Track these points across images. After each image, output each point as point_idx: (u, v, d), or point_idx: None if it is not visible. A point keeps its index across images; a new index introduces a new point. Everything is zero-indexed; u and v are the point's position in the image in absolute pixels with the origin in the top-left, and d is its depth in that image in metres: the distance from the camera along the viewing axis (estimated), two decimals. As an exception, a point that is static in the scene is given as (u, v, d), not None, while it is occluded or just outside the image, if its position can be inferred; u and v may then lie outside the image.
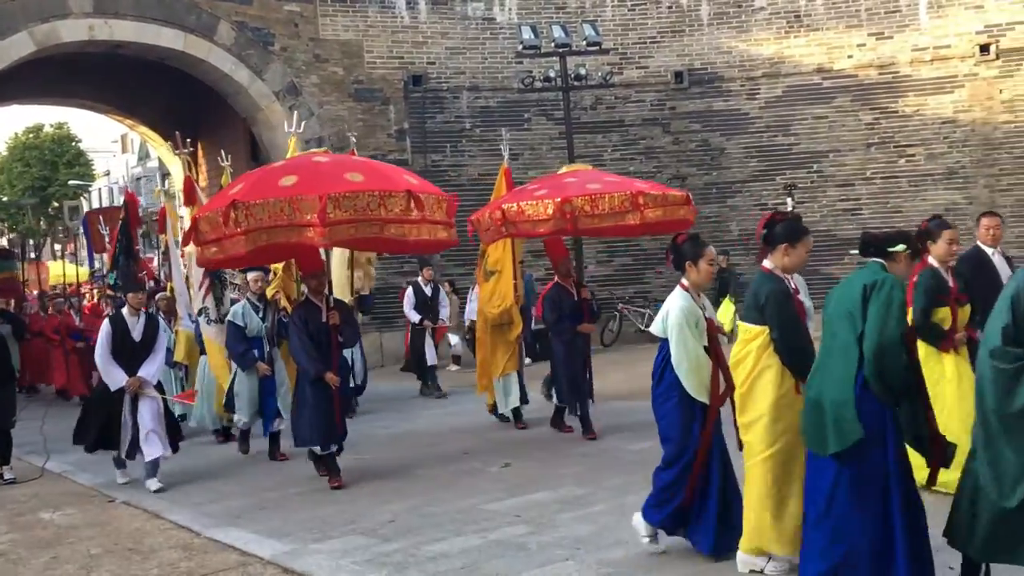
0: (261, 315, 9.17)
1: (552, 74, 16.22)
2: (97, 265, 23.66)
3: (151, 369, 8.09)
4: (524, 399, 9.91)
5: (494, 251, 9.85)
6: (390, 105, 17.48)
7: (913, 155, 17.32)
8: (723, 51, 17.98)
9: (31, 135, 49.28)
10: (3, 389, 8.87)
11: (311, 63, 17.09)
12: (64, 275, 22.58)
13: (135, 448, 7.99)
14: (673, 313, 5.00)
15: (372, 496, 7.24)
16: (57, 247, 31.88)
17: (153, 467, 8.02)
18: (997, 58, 16.84)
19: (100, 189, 57.26)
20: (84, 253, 24.74)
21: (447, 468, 8.06)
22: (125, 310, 8.04)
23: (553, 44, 15.86)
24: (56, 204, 42.33)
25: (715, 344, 5.06)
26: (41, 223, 45.14)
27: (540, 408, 9.98)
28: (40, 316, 16.80)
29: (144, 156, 51.91)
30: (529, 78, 16.60)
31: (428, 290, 13.28)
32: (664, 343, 5.06)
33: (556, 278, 9.40)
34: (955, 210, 16.79)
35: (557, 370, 9.25)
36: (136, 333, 8.04)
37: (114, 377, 7.94)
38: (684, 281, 5.19)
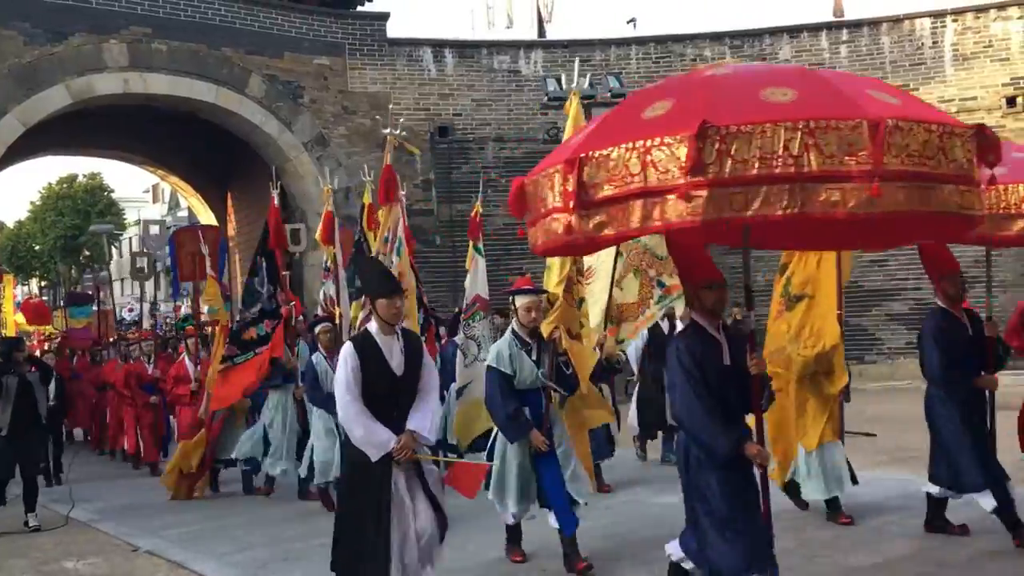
0: (535, 358, 6.24)
1: (577, 125, 16.35)
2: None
3: (425, 420, 5.07)
4: (854, 479, 7.02)
5: (801, 267, 7.33)
6: (416, 156, 17.68)
7: (940, 206, 17.22)
8: (748, 103, 18.04)
9: (64, 185, 50.22)
10: (28, 436, 8.91)
11: (339, 115, 17.36)
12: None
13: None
14: None
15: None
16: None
17: None
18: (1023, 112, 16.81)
19: (131, 238, 58.08)
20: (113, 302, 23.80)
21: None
22: (373, 327, 5.08)
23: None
24: (87, 253, 42.95)
25: None
26: (72, 271, 45.78)
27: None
28: (115, 365, 13.92)
29: (174, 206, 52.68)
30: (554, 129, 16.76)
31: (665, 326, 10.03)
32: None
33: (938, 300, 6.66)
34: (984, 262, 16.64)
35: (945, 445, 6.34)
36: (396, 363, 5.05)
37: (375, 437, 4.92)
38: None
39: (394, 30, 18.23)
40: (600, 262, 7.95)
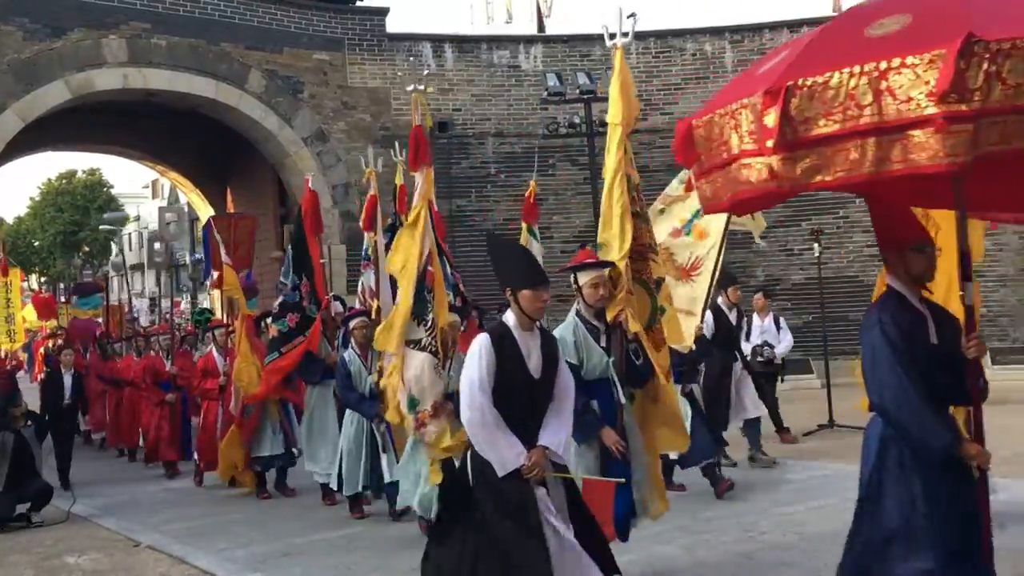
0: (604, 344, 5.39)
1: (577, 120, 16.34)
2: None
3: (559, 434, 4.37)
4: None
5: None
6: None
7: (939, 201, 17.23)
8: (748, 97, 18.03)
9: (64, 181, 50.21)
10: (22, 487, 8.86)
11: (339, 110, 17.34)
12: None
13: None
14: None
15: (396, 542, 7.19)
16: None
17: None
18: None
19: (130, 234, 58.02)
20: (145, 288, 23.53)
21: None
22: (511, 320, 4.39)
23: (578, 91, 16.00)
24: (87, 248, 42.96)
25: None
26: (72, 267, 45.74)
27: None
28: (131, 361, 13.42)
29: (174, 201, 52.64)
30: (554, 124, 16.74)
31: (732, 316, 9.73)
32: None
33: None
34: (984, 256, 16.65)
35: None
36: (533, 363, 4.37)
37: (503, 451, 4.22)
38: None
39: (393, 25, 18.23)
40: (707, 251, 7.55)
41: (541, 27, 20.92)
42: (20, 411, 9.20)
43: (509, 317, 4.46)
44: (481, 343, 4.35)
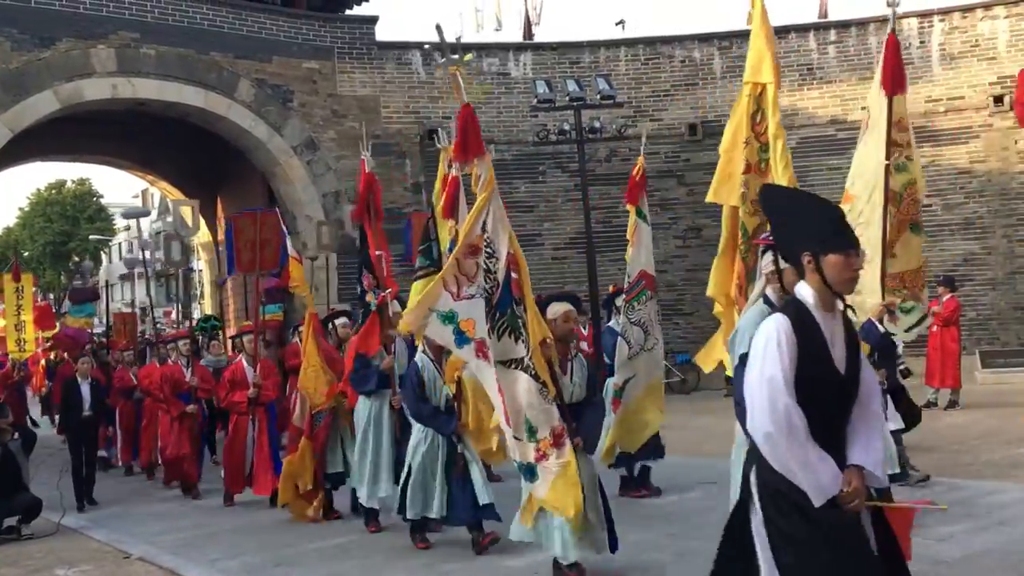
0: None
1: (567, 127, 16.37)
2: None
3: (875, 451, 3.40)
4: None
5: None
6: (406, 159, 17.67)
7: (930, 205, 17.28)
8: (737, 103, 18.10)
9: (53, 191, 50.06)
10: (10, 501, 8.77)
11: (329, 118, 17.34)
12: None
13: None
14: None
15: (388, 552, 7.17)
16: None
17: None
18: (1011, 109, 16.87)
19: (120, 243, 57.86)
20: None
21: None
22: (809, 296, 3.34)
23: (568, 98, 16.04)
24: (76, 259, 42.81)
25: None
26: (61, 277, 45.62)
27: None
28: (155, 367, 11.95)
29: (164, 211, 52.53)
30: (544, 131, 16.77)
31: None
32: None
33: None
34: (973, 260, 16.77)
35: None
36: (838, 355, 3.38)
37: (817, 475, 3.25)
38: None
39: (383, 33, 18.24)
40: (868, 240, 6.31)
41: (530, 35, 20.95)
42: (5, 422, 9.15)
43: (804, 292, 3.37)
44: (779, 326, 3.28)
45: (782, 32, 18.26)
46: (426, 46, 5.51)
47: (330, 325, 9.27)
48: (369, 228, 8.32)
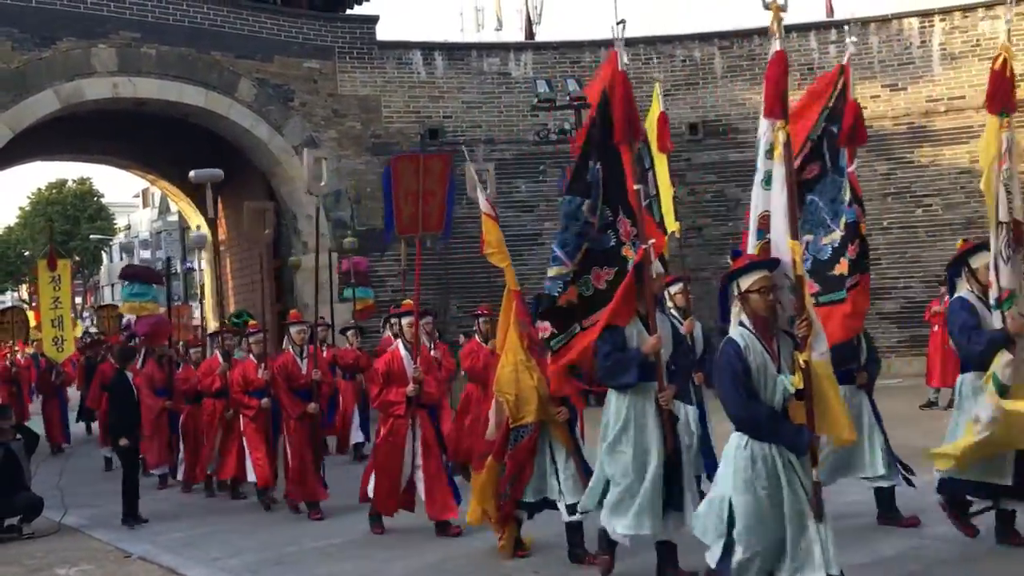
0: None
1: (567, 126, 16.37)
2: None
3: None
4: None
5: None
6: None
7: (930, 205, 17.32)
8: (738, 103, 18.11)
9: (54, 190, 50.12)
10: (11, 500, 8.77)
11: (329, 118, 17.35)
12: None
13: None
14: None
15: (388, 550, 7.17)
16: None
17: None
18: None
19: (120, 242, 57.89)
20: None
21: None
22: None
23: (568, 97, 16.04)
24: (77, 258, 42.83)
25: None
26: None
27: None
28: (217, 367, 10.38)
29: (164, 210, 52.59)
30: (544, 131, 16.77)
31: None
32: None
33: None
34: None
35: None
36: None
37: None
38: None
39: (383, 33, 18.24)
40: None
41: (531, 34, 20.97)
42: (8, 423, 9.16)
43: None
44: None
45: (784, 31, 18.27)
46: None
47: (392, 322, 7.89)
48: (627, 152, 5.72)
